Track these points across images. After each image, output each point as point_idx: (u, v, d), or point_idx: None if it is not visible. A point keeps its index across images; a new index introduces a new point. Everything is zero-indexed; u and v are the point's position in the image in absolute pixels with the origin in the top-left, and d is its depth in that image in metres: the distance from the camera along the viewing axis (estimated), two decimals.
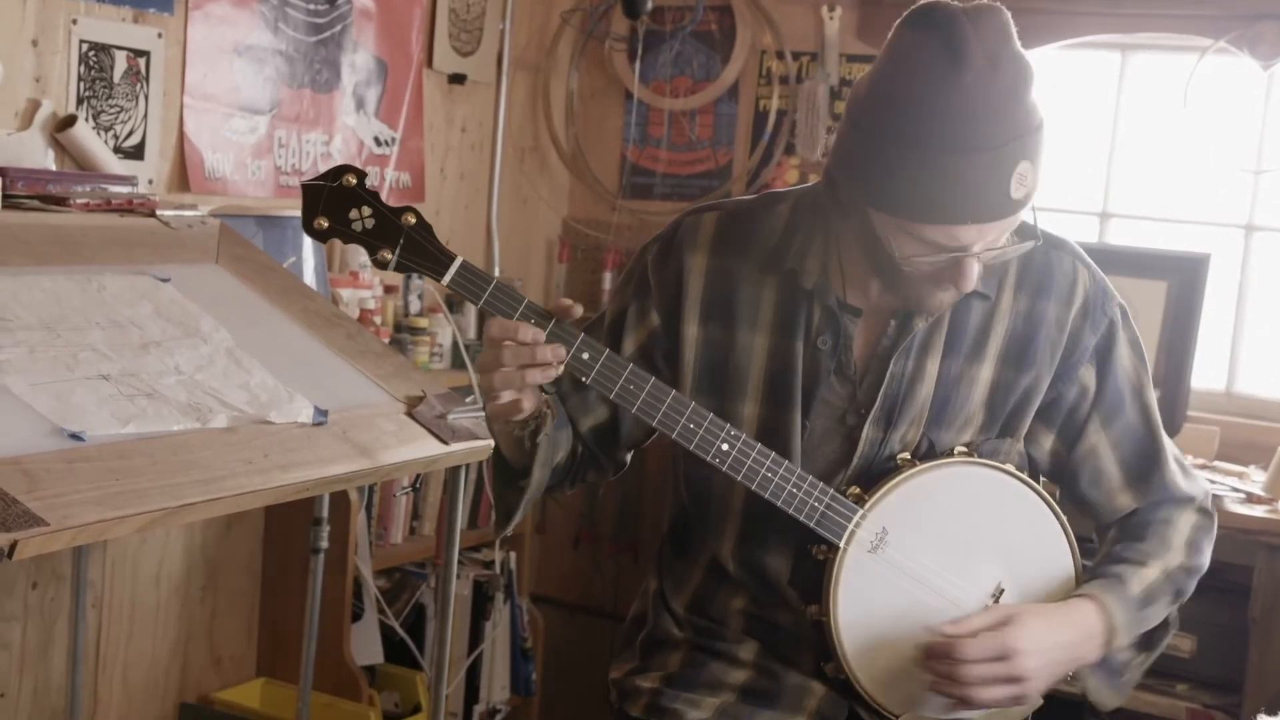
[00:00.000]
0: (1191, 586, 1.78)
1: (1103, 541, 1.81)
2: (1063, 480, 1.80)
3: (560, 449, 1.72)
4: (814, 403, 1.69)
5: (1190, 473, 1.82)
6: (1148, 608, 1.72)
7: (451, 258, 1.57)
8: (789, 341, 1.70)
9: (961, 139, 1.49)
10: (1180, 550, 1.76)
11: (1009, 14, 1.54)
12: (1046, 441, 1.77)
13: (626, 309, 1.77)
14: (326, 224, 1.57)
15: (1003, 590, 1.71)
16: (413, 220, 1.57)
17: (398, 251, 1.57)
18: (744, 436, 1.64)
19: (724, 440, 1.63)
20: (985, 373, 1.71)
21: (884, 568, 1.68)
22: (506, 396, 1.56)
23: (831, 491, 1.65)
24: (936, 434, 1.71)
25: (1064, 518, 1.75)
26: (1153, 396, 1.80)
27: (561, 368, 1.57)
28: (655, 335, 1.75)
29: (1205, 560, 1.80)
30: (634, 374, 1.61)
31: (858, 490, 1.67)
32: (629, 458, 1.86)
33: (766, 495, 1.63)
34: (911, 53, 1.52)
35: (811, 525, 1.65)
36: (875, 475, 1.70)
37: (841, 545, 1.65)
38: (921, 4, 1.54)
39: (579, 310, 1.58)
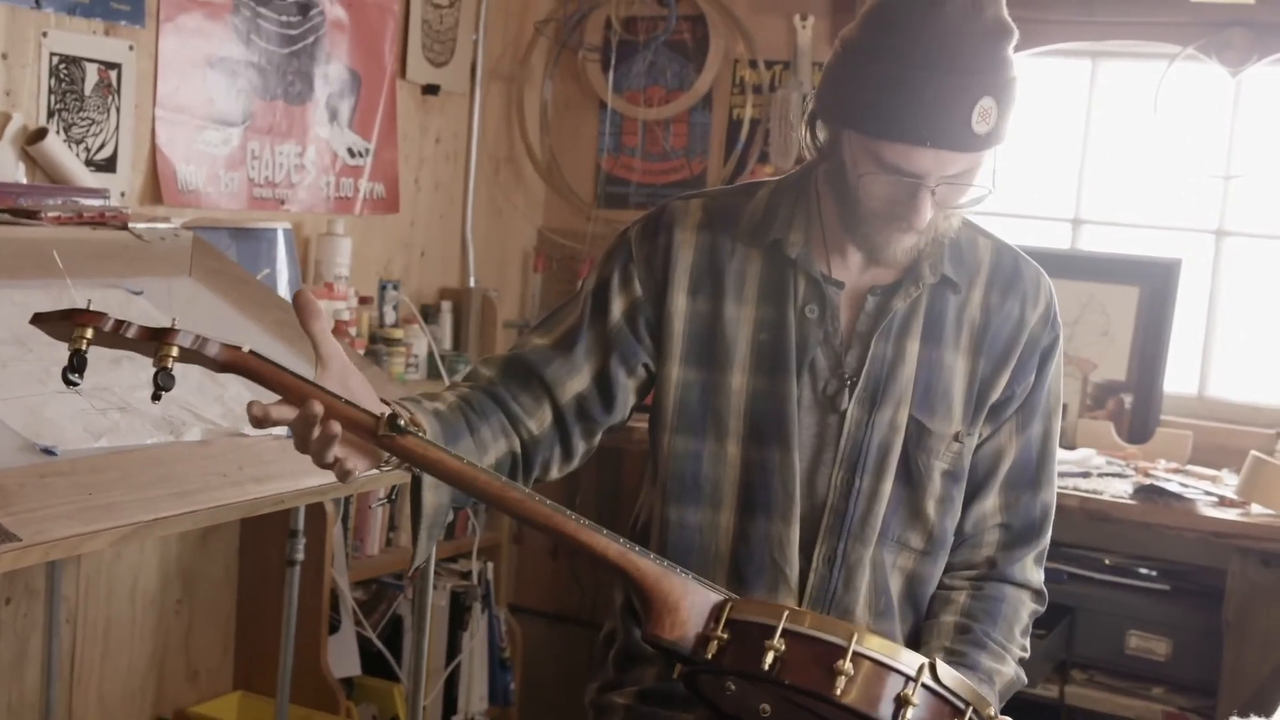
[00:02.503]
0: (1024, 680, 1.77)
1: (947, 600, 1.77)
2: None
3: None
4: (803, 370, 1.70)
5: (1045, 535, 1.81)
6: (1001, 700, 1.72)
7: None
8: (779, 311, 1.72)
9: (930, 56, 1.56)
10: (1019, 642, 1.76)
11: None
12: (983, 432, 1.77)
13: (610, 277, 1.76)
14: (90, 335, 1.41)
15: None
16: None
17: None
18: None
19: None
20: (961, 364, 1.73)
21: None
22: (332, 464, 1.45)
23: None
24: (924, 416, 1.71)
25: None
26: (1057, 428, 1.81)
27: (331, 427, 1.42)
28: (639, 304, 1.75)
29: (1028, 649, 1.79)
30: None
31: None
32: (596, 439, 1.77)
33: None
34: None
35: None
36: (856, 459, 1.69)
37: None
38: None
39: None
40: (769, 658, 1.42)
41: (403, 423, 1.44)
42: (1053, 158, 3.47)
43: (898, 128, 1.58)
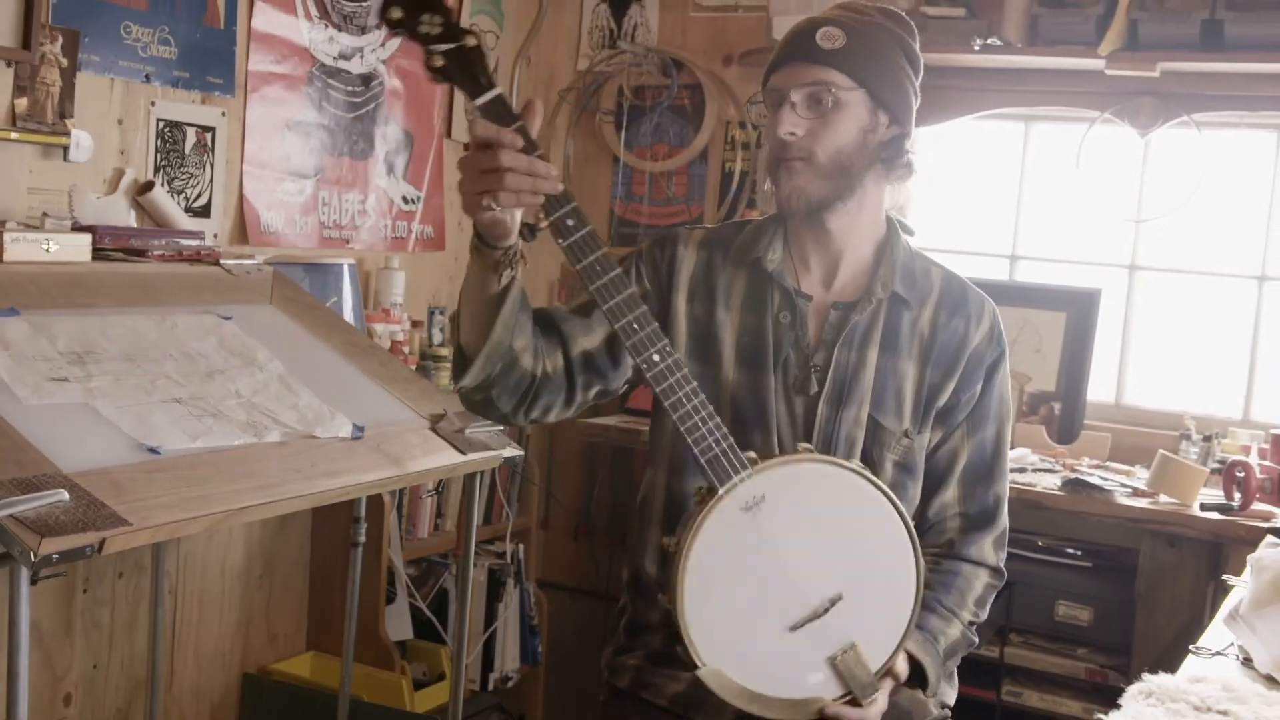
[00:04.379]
0: (978, 638, 1.79)
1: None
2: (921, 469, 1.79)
3: (522, 336, 1.60)
4: (777, 367, 1.72)
5: (999, 521, 1.82)
6: (950, 659, 1.75)
7: (492, 85, 1.40)
8: (759, 317, 1.74)
9: (798, 20, 1.71)
10: (971, 609, 1.77)
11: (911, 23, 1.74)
12: (935, 436, 1.78)
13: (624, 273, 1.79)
14: (399, 15, 1.38)
15: (840, 598, 1.57)
16: (472, 43, 1.38)
17: (446, 60, 1.39)
18: (677, 357, 1.53)
19: (656, 352, 1.52)
20: (912, 371, 1.75)
21: (750, 531, 1.54)
22: (507, 200, 1.41)
23: (731, 440, 1.53)
24: (880, 415, 1.73)
25: (919, 556, 1.60)
26: (1008, 436, 1.81)
27: (558, 186, 1.42)
28: (647, 297, 1.76)
29: (986, 614, 1.80)
30: (607, 260, 1.49)
31: (754, 455, 1.55)
32: (594, 395, 1.75)
33: (675, 417, 1.52)
34: None
35: (702, 462, 1.52)
36: (827, 450, 1.70)
37: (721, 492, 1.52)
38: None
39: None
40: None
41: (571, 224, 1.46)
42: (993, 204, 3.49)
43: (771, 65, 1.70)
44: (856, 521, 1.60)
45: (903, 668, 1.64)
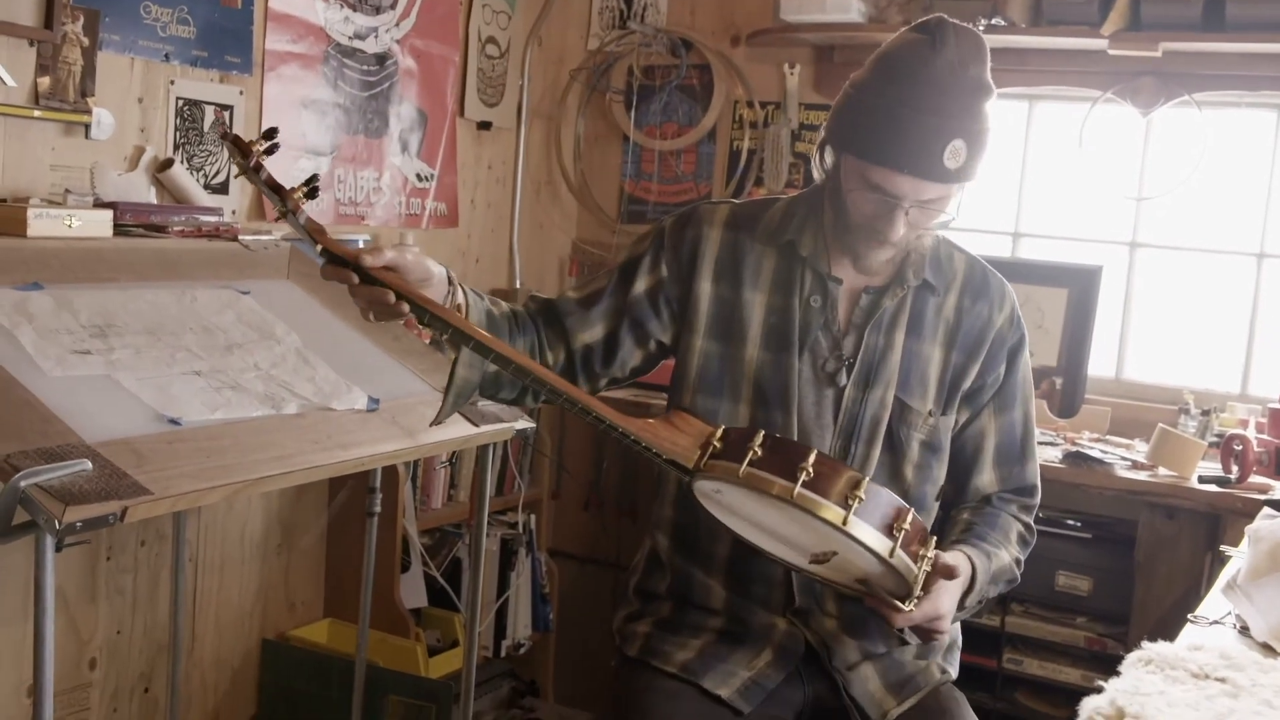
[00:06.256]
0: (1018, 576, 1.76)
1: (953, 521, 1.77)
2: (951, 450, 1.78)
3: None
4: (804, 349, 1.71)
5: (1034, 498, 1.81)
6: (993, 585, 1.72)
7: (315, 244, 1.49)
8: (787, 299, 1.73)
9: (917, 99, 1.56)
10: (1015, 546, 1.76)
11: (987, 44, 1.62)
12: (961, 416, 1.78)
13: (641, 257, 1.77)
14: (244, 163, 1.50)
15: (836, 554, 1.53)
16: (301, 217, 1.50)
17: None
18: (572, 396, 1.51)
19: (546, 392, 1.53)
20: (937, 355, 1.74)
21: (723, 505, 1.55)
22: (374, 319, 1.55)
23: (663, 457, 1.52)
24: (906, 396, 1.72)
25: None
26: (1034, 412, 1.81)
27: (401, 310, 1.51)
28: (663, 284, 1.76)
29: (1024, 560, 1.78)
30: (483, 347, 1.51)
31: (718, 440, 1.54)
32: (605, 384, 1.77)
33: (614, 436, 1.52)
34: (905, 41, 1.61)
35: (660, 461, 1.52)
36: (852, 430, 1.70)
37: (685, 479, 1.53)
38: (925, 17, 1.64)
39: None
40: None
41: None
42: (997, 182, 3.47)
43: (883, 154, 1.58)
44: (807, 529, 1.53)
45: (952, 560, 1.58)
